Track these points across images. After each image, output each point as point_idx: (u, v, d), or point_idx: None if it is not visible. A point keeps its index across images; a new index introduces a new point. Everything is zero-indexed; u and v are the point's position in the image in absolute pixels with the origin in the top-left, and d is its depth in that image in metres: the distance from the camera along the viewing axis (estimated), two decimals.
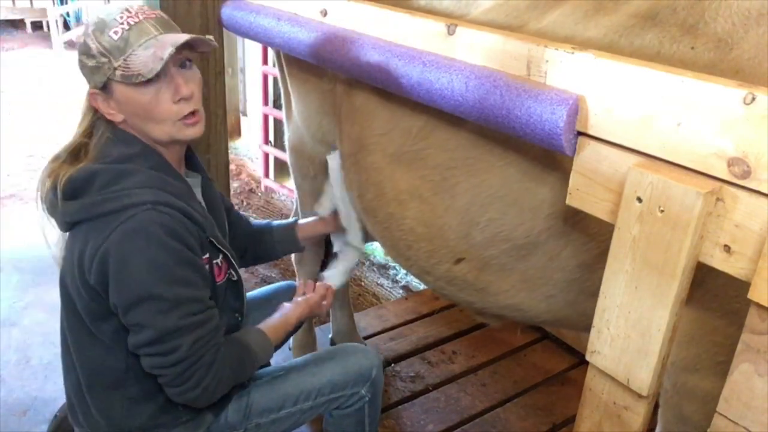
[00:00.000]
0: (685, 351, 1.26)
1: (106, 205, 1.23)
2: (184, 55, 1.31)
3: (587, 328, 1.16)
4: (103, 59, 1.26)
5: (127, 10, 1.28)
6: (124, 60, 1.24)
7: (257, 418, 1.54)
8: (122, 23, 1.26)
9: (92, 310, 1.31)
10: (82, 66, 1.30)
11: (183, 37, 1.26)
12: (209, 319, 1.32)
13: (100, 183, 1.26)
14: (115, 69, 1.25)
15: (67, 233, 1.35)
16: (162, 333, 1.25)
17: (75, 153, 1.34)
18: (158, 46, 1.24)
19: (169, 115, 1.29)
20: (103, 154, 1.30)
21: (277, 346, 1.59)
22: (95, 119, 1.35)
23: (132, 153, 1.31)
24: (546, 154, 1.34)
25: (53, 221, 1.35)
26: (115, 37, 1.25)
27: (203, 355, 1.30)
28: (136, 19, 1.27)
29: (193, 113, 1.32)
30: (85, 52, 1.28)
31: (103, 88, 1.29)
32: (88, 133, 1.35)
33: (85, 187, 1.26)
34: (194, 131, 1.33)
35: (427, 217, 1.61)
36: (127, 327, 1.28)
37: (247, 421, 1.53)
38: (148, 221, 1.22)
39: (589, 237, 1.35)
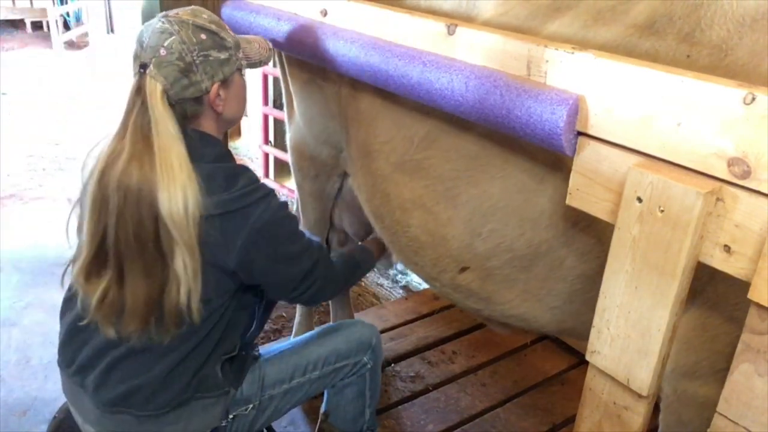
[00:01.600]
0: (685, 358, 1.27)
1: (243, 200, 1.37)
2: None
3: None
4: (233, 51, 1.39)
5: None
6: (243, 52, 1.43)
7: (270, 390, 1.63)
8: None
9: (212, 290, 1.39)
10: (209, 62, 1.35)
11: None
12: (320, 250, 1.56)
13: (223, 179, 1.37)
14: (240, 59, 1.42)
15: None
16: (305, 273, 1.50)
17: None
18: (254, 41, 1.49)
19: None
20: (199, 154, 1.37)
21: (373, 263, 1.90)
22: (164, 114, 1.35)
23: (222, 152, 1.45)
24: (544, 165, 1.34)
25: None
26: (232, 34, 1.42)
27: (328, 276, 1.58)
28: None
29: None
30: (217, 45, 1.36)
31: (223, 81, 1.39)
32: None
33: (210, 184, 1.34)
34: None
35: (430, 226, 1.62)
36: (271, 288, 1.51)
37: (261, 393, 1.61)
38: (277, 208, 1.42)
39: (589, 248, 1.36)
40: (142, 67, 1.32)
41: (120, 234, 1.31)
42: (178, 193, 1.28)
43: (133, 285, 1.33)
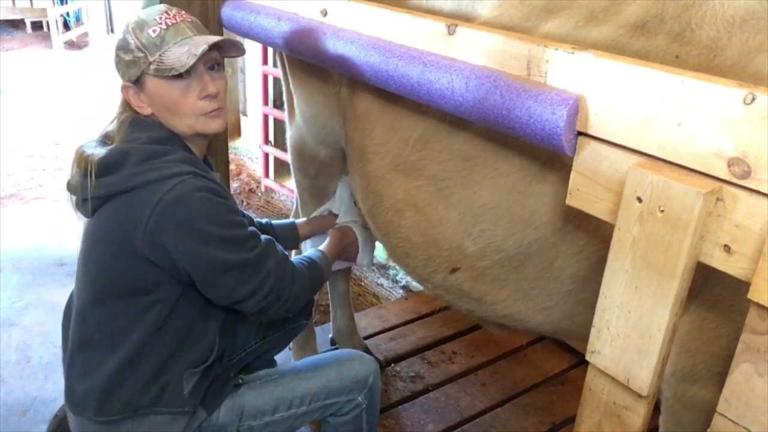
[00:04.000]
0: (683, 362, 1.27)
1: (149, 174, 1.29)
2: (213, 57, 1.40)
3: (588, 339, 1.17)
4: (140, 54, 1.35)
5: (166, 12, 1.38)
6: (160, 56, 1.34)
7: (250, 420, 1.54)
8: (161, 23, 1.35)
9: (132, 282, 1.35)
10: (118, 60, 1.39)
11: (215, 38, 1.36)
12: (268, 246, 1.43)
13: (135, 160, 1.32)
14: (150, 64, 1.34)
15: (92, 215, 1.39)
16: (245, 267, 1.35)
17: (102, 141, 1.42)
18: (192, 45, 1.34)
19: (193, 110, 1.38)
20: (130, 138, 1.37)
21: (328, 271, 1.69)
22: (124, 111, 1.43)
23: (161, 137, 1.38)
24: (535, 166, 1.35)
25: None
26: (153, 35, 1.34)
27: (286, 274, 1.44)
28: (174, 21, 1.36)
29: (216, 109, 1.41)
30: (122, 47, 1.37)
31: (136, 81, 1.38)
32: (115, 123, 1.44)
33: (119, 165, 1.32)
34: (216, 124, 1.41)
35: (422, 226, 1.62)
36: (204, 283, 1.36)
37: (239, 422, 1.53)
38: (193, 187, 1.30)
39: (579, 248, 1.36)
40: None
41: None
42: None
43: None
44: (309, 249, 1.84)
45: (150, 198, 1.28)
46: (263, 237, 1.44)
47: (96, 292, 1.39)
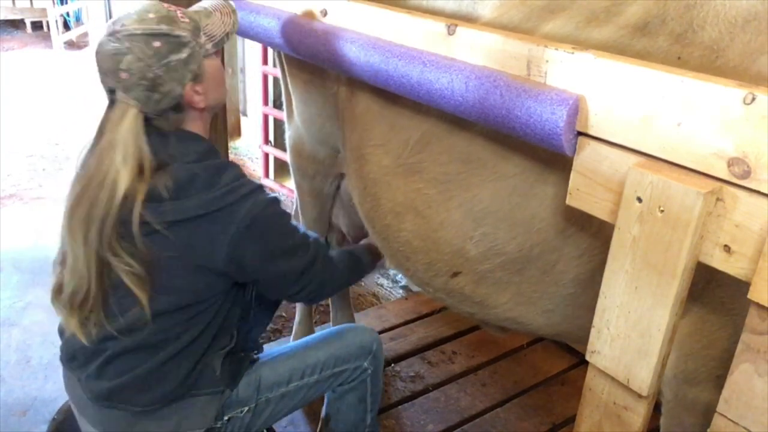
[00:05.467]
0: (684, 364, 1.27)
1: (227, 197, 1.33)
2: None
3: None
4: (193, 42, 1.32)
5: (163, 3, 1.35)
6: (204, 33, 1.34)
7: (267, 393, 1.61)
8: (170, 8, 1.33)
9: (198, 295, 1.38)
10: (171, 68, 1.29)
11: None
12: (317, 246, 1.53)
13: (204, 180, 1.32)
14: (202, 46, 1.33)
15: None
16: (302, 268, 1.47)
17: (139, 167, 1.32)
18: (215, 11, 1.38)
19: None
20: (179, 154, 1.34)
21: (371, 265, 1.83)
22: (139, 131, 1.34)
23: (206, 149, 1.40)
24: (536, 168, 1.35)
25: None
26: (187, 20, 1.32)
27: (328, 272, 1.55)
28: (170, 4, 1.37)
29: None
30: (172, 49, 1.29)
31: (194, 77, 1.33)
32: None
33: (190, 186, 1.32)
34: None
35: (422, 230, 1.61)
36: (267, 285, 1.48)
37: (257, 396, 1.60)
38: (265, 203, 1.38)
39: (580, 251, 1.36)
40: (111, 92, 1.32)
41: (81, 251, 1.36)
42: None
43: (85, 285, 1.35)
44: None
45: (232, 218, 1.32)
46: (310, 235, 1.54)
47: (155, 309, 1.36)
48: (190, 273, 1.35)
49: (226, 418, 1.54)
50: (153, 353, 1.39)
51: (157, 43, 1.27)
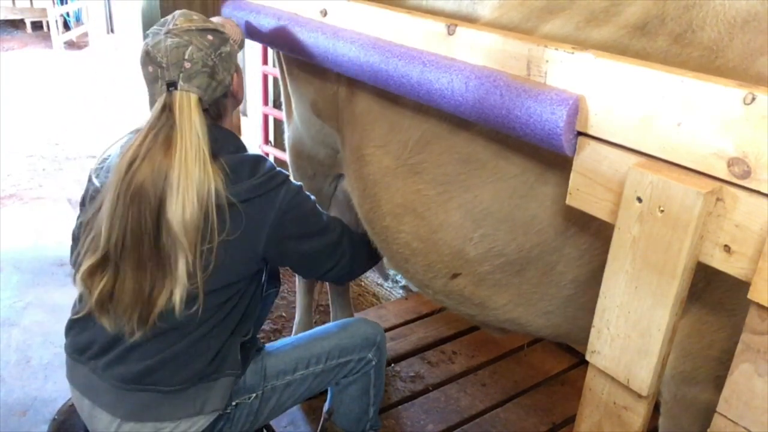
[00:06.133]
0: (683, 364, 1.27)
1: (268, 184, 1.46)
2: None
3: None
4: (230, 40, 1.47)
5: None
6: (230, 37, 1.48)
7: (273, 380, 1.66)
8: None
9: (236, 278, 1.46)
10: (224, 57, 1.43)
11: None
12: (340, 225, 1.68)
13: (249, 167, 1.45)
14: (233, 45, 1.48)
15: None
16: (334, 245, 1.62)
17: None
18: (225, 23, 1.54)
19: None
20: (223, 148, 1.45)
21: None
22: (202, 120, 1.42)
23: (240, 143, 1.54)
24: (536, 169, 1.35)
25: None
26: (213, 25, 1.45)
27: (355, 246, 1.70)
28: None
29: None
30: (222, 42, 1.44)
31: (236, 69, 1.49)
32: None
33: (239, 173, 1.43)
34: None
35: (422, 231, 1.61)
36: (302, 266, 1.64)
37: (264, 383, 1.64)
38: (296, 189, 1.53)
39: (580, 253, 1.36)
40: (171, 86, 1.37)
41: (121, 234, 1.34)
42: (190, 198, 1.32)
43: (124, 282, 1.37)
44: None
45: (272, 203, 1.45)
46: (333, 217, 1.67)
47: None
48: (230, 255, 1.40)
49: (234, 403, 1.59)
50: (184, 334, 1.44)
51: (210, 36, 1.41)
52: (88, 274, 1.39)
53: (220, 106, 1.48)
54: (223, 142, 1.46)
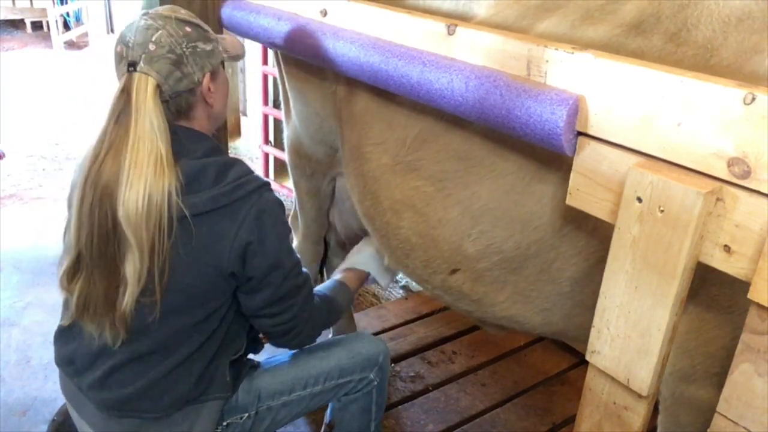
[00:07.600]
0: (681, 362, 1.27)
1: (235, 193, 1.32)
2: None
3: (587, 341, 1.17)
4: (216, 42, 1.38)
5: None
6: (221, 44, 1.40)
7: (268, 401, 1.58)
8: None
9: (205, 296, 1.36)
10: (198, 53, 1.33)
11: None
12: (308, 280, 1.49)
13: (213, 175, 1.32)
14: (221, 51, 1.39)
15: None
16: (282, 294, 1.41)
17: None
18: (226, 37, 1.46)
19: None
20: (187, 150, 1.34)
21: (351, 297, 1.80)
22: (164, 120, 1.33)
23: (212, 146, 1.40)
24: (533, 167, 1.35)
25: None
26: (205, 27, 1.38)
27: (306, 311, 1.49)
28: None
29: None
30: (201, 38, 1.34)
31: (212, 72, 1.37)
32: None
33: (199, 180, 1.31)
34: None
35: (421, 227, 1.62)
36: (248, 292, 1.40)
37: (258, 403, 1.56)
38: (271, 201, 1.37)
39: (578, 250, 1.36)
40: (131, 66, 1.29)
41: (89, 232, 1.29)
42: (138, 191, 1.23)
43: (95, 284, 1.32)
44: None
45: (238, 214, 1.32)
46: (305, 275, 1.49)
47: (164, 308, 1.33)
48: (198, 272, 1.33)
49: (225, 423, 1.52)
50: (162, 358, 1.38)
51: (188, 28, 1.33)
52: (66, 277, 1.36)
53: (183, 102, 1.33)
54: (188, 143, 1.34)
